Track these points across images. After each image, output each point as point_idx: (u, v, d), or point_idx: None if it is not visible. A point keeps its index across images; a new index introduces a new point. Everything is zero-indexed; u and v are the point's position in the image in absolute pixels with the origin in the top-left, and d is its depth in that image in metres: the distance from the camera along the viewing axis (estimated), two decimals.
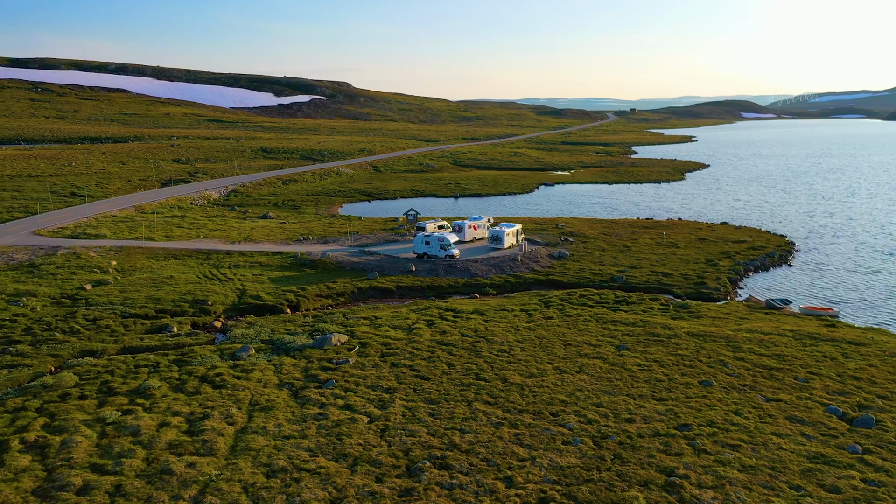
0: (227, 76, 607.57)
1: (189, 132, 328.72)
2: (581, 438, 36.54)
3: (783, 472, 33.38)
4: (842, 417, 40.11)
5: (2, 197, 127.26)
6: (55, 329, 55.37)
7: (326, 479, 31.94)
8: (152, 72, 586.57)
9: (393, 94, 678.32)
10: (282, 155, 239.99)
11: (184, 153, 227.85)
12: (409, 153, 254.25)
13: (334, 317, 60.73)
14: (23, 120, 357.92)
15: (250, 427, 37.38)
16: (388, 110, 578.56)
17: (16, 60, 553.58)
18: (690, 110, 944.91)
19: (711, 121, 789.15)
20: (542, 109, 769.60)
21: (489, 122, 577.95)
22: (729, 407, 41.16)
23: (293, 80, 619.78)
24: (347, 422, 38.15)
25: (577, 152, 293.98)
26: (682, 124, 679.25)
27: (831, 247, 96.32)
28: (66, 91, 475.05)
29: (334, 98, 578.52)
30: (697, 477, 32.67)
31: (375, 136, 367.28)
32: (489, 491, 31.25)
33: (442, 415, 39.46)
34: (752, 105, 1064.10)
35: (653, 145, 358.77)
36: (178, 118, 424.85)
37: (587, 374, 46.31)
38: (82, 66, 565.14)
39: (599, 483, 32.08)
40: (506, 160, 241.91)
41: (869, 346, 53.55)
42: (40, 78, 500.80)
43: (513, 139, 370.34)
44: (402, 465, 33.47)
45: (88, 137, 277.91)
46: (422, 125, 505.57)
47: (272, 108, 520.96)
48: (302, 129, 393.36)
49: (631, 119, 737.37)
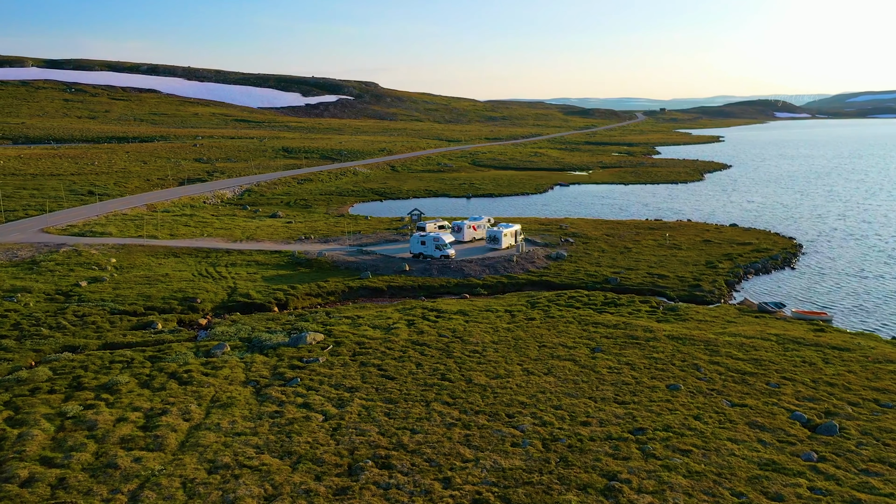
0: (256, 76, 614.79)
1: (214, 132, 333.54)
2: (531, 441, 36.38)
3: (729, 478, 32.87)
4: (805, 424, 39.34)
5: (21, 195, 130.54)
6: (42, 324, 56.70)
7: (266, 476, 32.28)
8: (183, 72, 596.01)
9: (420, 94, 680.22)
10: (302, 155, 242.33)
11: (206, 153, 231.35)
12: (428, 153, 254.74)
13: (317, 316, 61.22)
14: (55, 120, 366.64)
15: (205, 423, 37.91)
16: (415, 110, 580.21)
17: (52, 62, 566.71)
18: (722, 110, 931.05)
19: (743, 121, 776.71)
20: (570, 109, 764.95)
21: (515, 122, 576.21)
22: (690, 411, 40.62)
23: (321, 80, 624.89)
24: (301, 420, 38.49)
25: (599, 152, 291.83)
26: (713, 124, 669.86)
27: (839, 250, 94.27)
28: (98, 91, 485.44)
29: (361, 98, 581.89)
30: (639, 482, 32.33)
31: (399, 135, 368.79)
32: (425, 491, 31.30)
33: (397, 414, 39.59)
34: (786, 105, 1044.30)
35: (678, 145, 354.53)
36: (206, 118, 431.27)
37: (554, 376, 46.06)
38: (115, 67, 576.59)
39: (538, 486, 31.92)
40: (525, 160, 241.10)
41: (853, 351, 52.40)
42: (74, 79, 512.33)
43: (536, 139, 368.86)
44: (345, 464, 33.67)
45: (116, 137, 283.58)
46: (447, 125, 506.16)
47: (299, 109, 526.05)
48: (327, 129, 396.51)
49: (660, 119, 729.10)
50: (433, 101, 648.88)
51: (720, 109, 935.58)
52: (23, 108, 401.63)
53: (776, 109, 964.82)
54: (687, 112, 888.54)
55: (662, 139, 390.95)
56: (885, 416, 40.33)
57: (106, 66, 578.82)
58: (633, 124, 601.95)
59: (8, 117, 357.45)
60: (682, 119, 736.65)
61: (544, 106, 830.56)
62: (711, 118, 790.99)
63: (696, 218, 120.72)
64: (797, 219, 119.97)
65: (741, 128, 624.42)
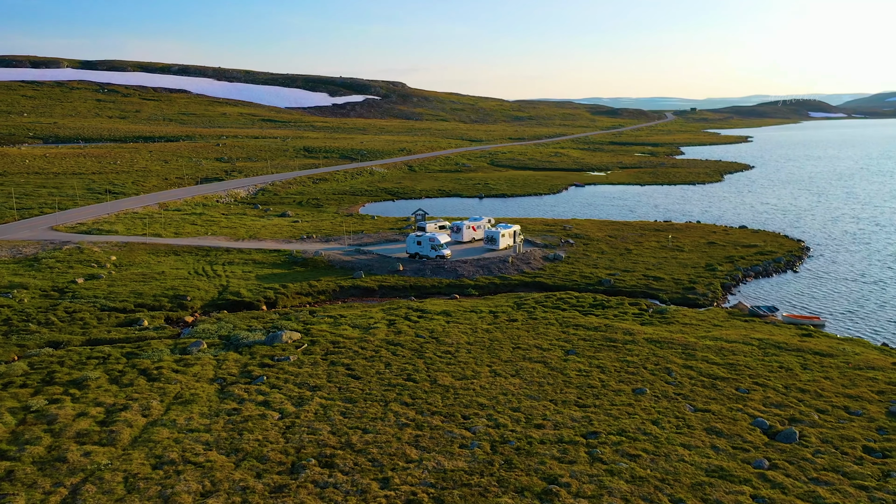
0: (285, 77, 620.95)
1: (240, 132, 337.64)
2: (480, 442, 36.33)
3: (672, 485, 32.47)
4: (766, 431, 38.66)
5: (40, 193, 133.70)
6: (32, 320, 58.10)
7: (208, 472, 32.74)
8: (213, 73, 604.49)
9: (447, 94, 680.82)
10: (322, 154, 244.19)
11: (227, 152, 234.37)
12: (447, 153, 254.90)
13: (301, 315, 61.73)
14: (87, 120, 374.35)
15: (161, 420, 38.55)
16: (441, 110, 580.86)
17: (86, 63, 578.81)
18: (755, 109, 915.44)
19: (776, 120, 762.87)
20: (598, 109, 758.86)
21: (542, 121, 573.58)
22: (650, 416, 40.18)
23: (348, 80, 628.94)
24: (257, 418, 38.93)
25: (621, 153, 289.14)
26: (744, 124, 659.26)
27: (844, 254, 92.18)
28: (130, 92, 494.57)
29: (388, 98, 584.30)
30: (579, 486, 32.11)
31: (422, 135, 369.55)
32: (361, 491, 31.47)
33: (353, 414, 39.82)
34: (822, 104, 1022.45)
35: (704, 146, 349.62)
36: (233, 118, 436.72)
37: (520, 378, 45.89)
38: (147, 68, 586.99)
39: (475, 488, 31.88)
40: (544, 160, 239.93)
41: (836, 357, 51.32)
42: (108, 79, 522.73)
43: (560, 139, 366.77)
44: (289, 463, 33.99)
45: (143, 137, 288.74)
46: (472, 125, 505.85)
47: (326, 108, 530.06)
48: (351, 129, 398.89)
49: (690, 119, 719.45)
50: (460, 100, 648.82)
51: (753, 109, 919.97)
52: (57, 108, 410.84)
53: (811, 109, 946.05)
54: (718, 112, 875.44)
55: (689, 139, 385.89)
56: (850, 425, 39.47)
57: (138, 66, 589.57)
58: (661, 124, 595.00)
59: (42, 117, 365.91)
60: (712, 119, 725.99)
61: (573, 106, 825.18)
62: (743, 118, 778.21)
63: (706, 220, 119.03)
64: (809, 221, 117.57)
65: (773, 128, 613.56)
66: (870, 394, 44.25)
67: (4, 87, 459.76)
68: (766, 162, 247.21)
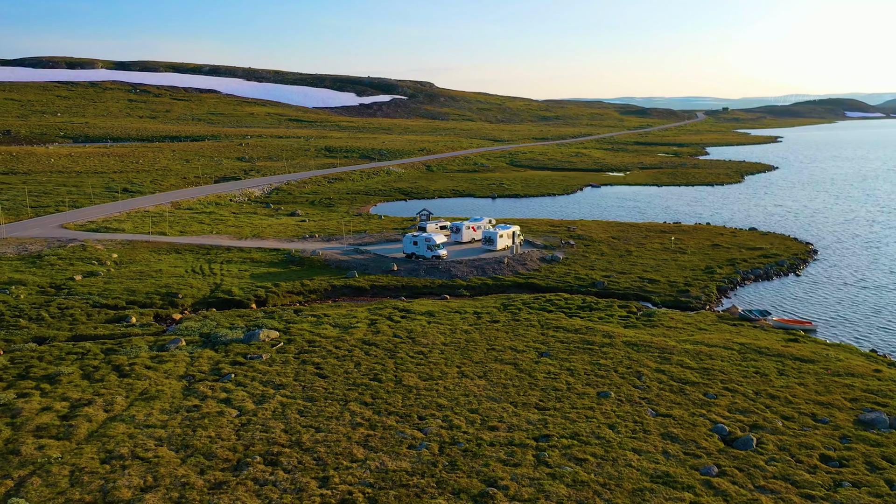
0: (313, 77, 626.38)
1: (265, 131, 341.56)
2: (429, 443, 36.38)
3: (612, 490, 32.18)
4: (724, 437, 38.08)
5: (59, 192, 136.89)
6: (23, 316, 59.60)
7: (153, 467, 33.32)
8: (243, 73, 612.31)
9: (474, 94, 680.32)
10: (343, 154, 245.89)
11: (249, 151, 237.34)
12: (466, 153, 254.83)
13: (284, 314, 62.32)
14: (118, 119, 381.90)
15: (122, 415, 39.30)
16: (468, 110, 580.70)
17: (120, 63, 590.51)
18: (789, 109, 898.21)
19: (810, 120, 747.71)
20: (627, 109, 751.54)
21: (569, 121, 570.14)
22: (609, 419, 39.83)
23: (376, 80, 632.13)
24: (214, 415, 39.48)
25: (644, 153, 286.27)
26: (776, 124, 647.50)
27: (850, 258, 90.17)
28: (161, 92, 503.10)
29: (414, 98, 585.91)
30: (517, 489, 31.99)
31: (446, 135, 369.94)
32: (298, 490, 31.75)
33: (310, 413, 40.16)
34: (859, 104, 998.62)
35: (731, 146, 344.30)
36: (261, 118, 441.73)
37: (487, 380, 45.81)
38: (179, 69, 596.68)
39: (412, 489, 31.96)
40: (564, 161, 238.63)
41: (816, 363, 50.31)
42: (140, 80, 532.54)
43: (584, 139, 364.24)
44: (234, 460, 34.43)
45: (169, 136, 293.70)
46: (498, 125, 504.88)
47: (352, 108, 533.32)
48: (376, 129, 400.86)
49: (720, 118, 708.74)
50: (487, 100, 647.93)
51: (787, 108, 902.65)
52: (89, 108, 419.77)
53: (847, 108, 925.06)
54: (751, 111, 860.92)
55: (716, 139, 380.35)
56: (813, 433, 38.69)
57: (170, 67, 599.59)
58: (690, 124, 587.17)
59: (74, 117, 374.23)
60: (744, 119, 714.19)
61: (602, 105, 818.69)
62: (777, 117, 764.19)
63: (716, 221, 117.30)
64: (822, 224, 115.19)
65: (806, 128, 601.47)
66: (842, 401, 43.32)
67: (40, 88, 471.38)
68: (791, 163, 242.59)
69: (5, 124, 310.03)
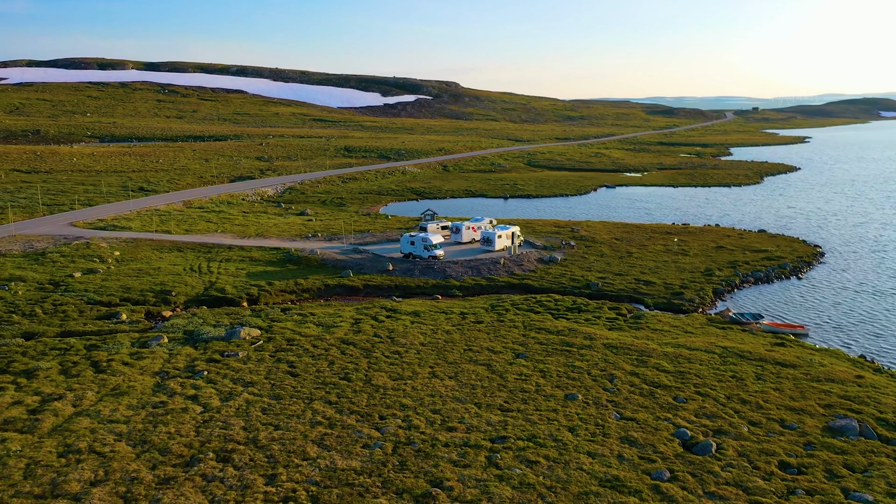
0: (339, 77, 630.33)
1: (288, 131, 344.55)
2: (384, 443, 36.49)
3: (558, 493, 31.99)
4: (685, 442, 37.64)
5: (76, 190, 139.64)
6: (17, 311, 60.96)
7: (107, 462, 33.91)
8: (270, 73, 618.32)
9: (500, 94, 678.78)
10: (361, 154, 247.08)
11: (268, 151, 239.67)
12: (484, 153, 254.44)
13: (271, 312, 62.86)
14: (145, 119, 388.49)
15: (88, 410, 40.04)
16: (492, 110, 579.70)
17: (150, 64, 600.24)
18: (821, 109, 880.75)
19: (843, 120, 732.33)
20: (654, 109, 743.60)
21: (593, 121, 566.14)
22: (570, 422, 39.58)
23: (401, 80, 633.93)
24: (179, 411, 40.03)
25: (666, 153, 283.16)
26: (807, 124, 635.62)
27: (858, 262, 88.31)
28: (189, 92, 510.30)
29: (439, 98, 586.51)
30: (462, 490, 31.96)
31: (468, 135, 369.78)
32: (244, 486, 32.07)
33: (273, 411, 40.53)
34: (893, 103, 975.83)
35: (756, 146, 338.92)
36: (285, 118, 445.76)
37: (456, 381, 45.79)
38: (207, 69, 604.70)
39: (357, 488, 32.10)
40: (582, 161, 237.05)
41: (797, 368, 49.44)
42: (168, 80, 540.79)
43: (606, 139, 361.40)
44: (188, 456, 34.88)
45: (193, 136, 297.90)
46: (522, 125, 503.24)
47: (377, 108, 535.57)
48: (399, 129, 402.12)
49: (750, 118, 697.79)
50: (512, 100, 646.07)
51: (819, 108, 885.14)
52: (118, 108, 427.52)
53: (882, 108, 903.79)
54: (782, 111, 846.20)
55: (742, 140, 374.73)
56: (778, 439, 38.06)
57: (199, 67, 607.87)
58: (717, 124, 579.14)
59: (103, 117, 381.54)
60: (774, 119, 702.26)
61: (629, 105, 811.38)
62: (808, 117, 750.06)
63: (725, 223, 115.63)
64: (833, 226, 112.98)
65: (837, 128, 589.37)
66: (816, 407, 42.52)
67: (72, 88, 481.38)
68: (814, 163, 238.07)
69: (36, 124, 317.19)
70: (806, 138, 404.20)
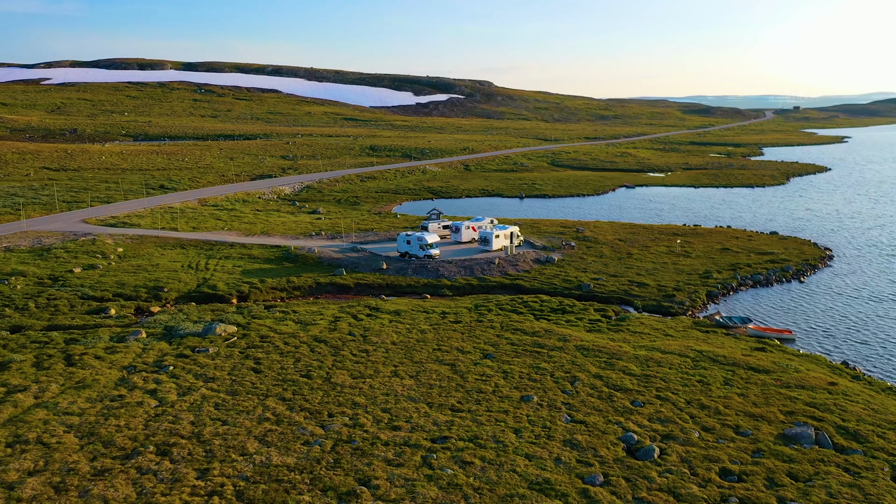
0: (372, 76, 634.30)
1: (318, 130, 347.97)
2: (324, 441, 36.77)
3: (484, 494, 31.86)
4: (630, 446, 37.14)
5: (98, 188, 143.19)
6: (10, 305, 62.85)
7: (49, 452, 34.84)
8: (304, 73, 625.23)
9: (533, 93, 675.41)
10: (386, 153, 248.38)
11: (294, 150, 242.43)
12: (508, 152, 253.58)
13: (254, 309, 63.67)
14: (181, 119, 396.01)
15: (47, 402, 41.14)
16: (524, 109, 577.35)
17: (188, 64, 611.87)
18: (866, 108, 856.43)
19: (889, 119, 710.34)
20: (691, 108, 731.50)
21: (627, 120, 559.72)
22: (519, 424, 39.36)
23: (434, 79, 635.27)
24: (134, 405, 40.89)
25: (695, 153, 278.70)
26: (849, 123, 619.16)
27: (862, 267, 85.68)
28: (225, 92, 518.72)
29: (471, 97, 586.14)
30: (387, 489, 32.06)
31: (497, 134, 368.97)
32: (175, 480, 32.64)
33: (226, 406, 41.13)
34: None
35: (790, 146, 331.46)
36: (317, 117, 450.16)
37: (415, 380, 45.87)
38: (243, 69, 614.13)
39: (284, 484, 32.43)
40: (606, 161, 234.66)
41: (769, 373, 48.39)
42: (205, 80, 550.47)
43: (637, 139, 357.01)
44: (130, 448, 35.61)
45: (224, 135, 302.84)
46: (553, 124, 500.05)
47: (409, 107, 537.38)
48: (428, 128, 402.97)
49: (790, 118, 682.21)
50: (545, 99, 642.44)
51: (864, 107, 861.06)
52: (155, 108, 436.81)
53: None
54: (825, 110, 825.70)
55: (777, 140, 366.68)
56: (727, 445, 37.32)
57: (235, 67, 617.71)
58: (755, 123, 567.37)
59: (139, 116, 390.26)
60: (815, 118, 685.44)
61: (666, 104, 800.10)
62: (851, 116, 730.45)
63: (738, 224, 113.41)
64: (848, 229, 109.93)
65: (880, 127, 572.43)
66: (777, 414, 41.56)
67: (112, 88, 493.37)
68: (846, 164, 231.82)
69: (74, 123, 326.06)
70: (845, 138, 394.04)
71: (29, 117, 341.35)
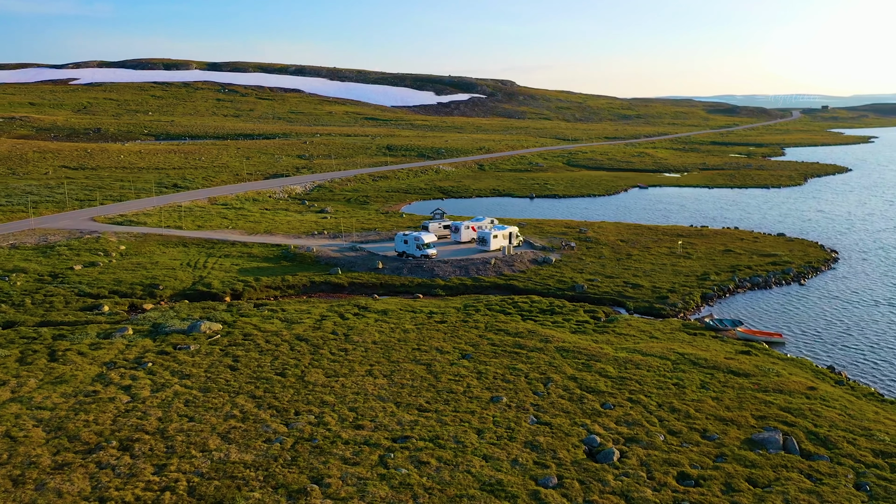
0: (394, 76, 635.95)
1: (338, 129, 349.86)
2: (285, 438, 37.07)
3: (433, 494, 31.90)
4: (591, 449, 36.94)
5: (112, 187, 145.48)
6: (8, 301, 64.20)
7: (15, 446, 35.57)
8: (327, 73, 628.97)
9: (555, 92, 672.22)
10: (402, 152, 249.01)
11: (310, 149, 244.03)
12: (523, 152, 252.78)
13: (244, 307, 64.33)
14: (203, 118, 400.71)
15: (22, 397, 41.97)
16: (546, 108, 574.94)
17: (212, 64, 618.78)
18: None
19: None
20: (716, 107, 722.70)
21: (649, 120, 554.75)
22: (483, 425, 39.33)
23: (456, 78, 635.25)
24: (106, 401, 41.57)
25: (715, 153, 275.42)
26: (878, 123, 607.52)
27: (865, 270, 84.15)
28: (248, 92, 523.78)
29: (493, 96, 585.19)
30: (339, 488, 32.25)
31: (516, 134, 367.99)
32: (131, 475, 33.15)
33: (195, 403, 41.63)
34: None
35: (814, 146, 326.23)
36: (338, 116, 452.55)
37: (388, 380, 46.03)
38: (266, 69, 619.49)
39: (238, 480, 32.77)
40: (623, 161, 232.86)
41: (750, 377, 47.78)
42: (229, 80, 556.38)
43: (656, 139, 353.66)
44: (93, 443, 36.22)
45: (244, 134, 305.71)
46: (574, 124, 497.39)
47: (430, 107, 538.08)
48: (448, 128, 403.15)
49: (817, 117, 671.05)
50: (567, 98, 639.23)
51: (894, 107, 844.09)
52: (179, 107, 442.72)
53: None
54: (854, 110, 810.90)
55: (801, 139, 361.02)
56: (690, 450, 36.94)
57: (258, 67, 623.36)
58: (780, 123, 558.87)
59: (163, 116, 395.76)
60: (843, 118, 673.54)
61: (691, 104, 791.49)
62: (881, 116, 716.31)
63: (745, 225, 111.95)
64: (857, 231, 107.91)
65: None
66: (748, 419, 41.04)
67: (137, 88, 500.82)
68: (868, 165, 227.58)
69: (98, 122, 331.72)
70: (871, 138, 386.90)
71: (55, 117, 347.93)
